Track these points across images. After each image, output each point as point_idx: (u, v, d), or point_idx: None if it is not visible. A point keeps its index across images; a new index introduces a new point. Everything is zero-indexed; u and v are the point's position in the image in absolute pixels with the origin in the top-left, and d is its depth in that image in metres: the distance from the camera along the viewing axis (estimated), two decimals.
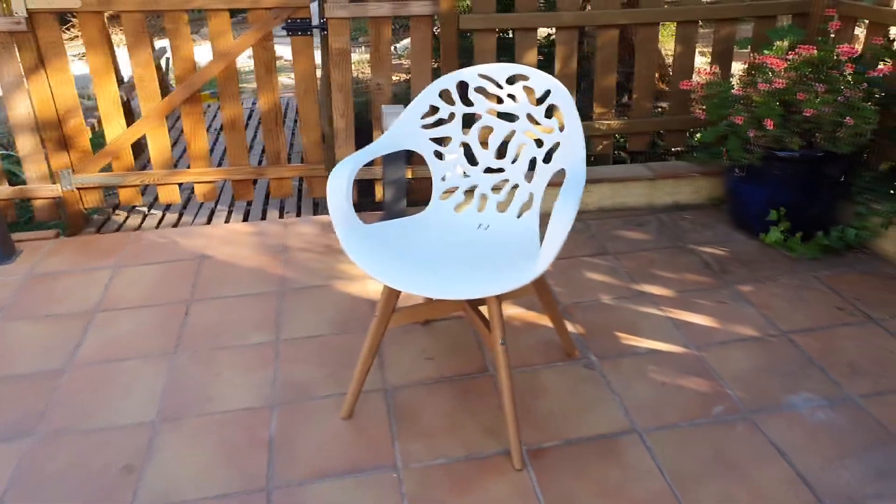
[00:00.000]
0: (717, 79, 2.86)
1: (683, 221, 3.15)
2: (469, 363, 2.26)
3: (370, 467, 1.87)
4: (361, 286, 2.70)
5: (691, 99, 3.06)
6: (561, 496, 1.76)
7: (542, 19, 3.00)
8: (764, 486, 1.77)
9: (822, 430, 1.94)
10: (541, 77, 2.01)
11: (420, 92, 3.10)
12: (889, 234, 2.74)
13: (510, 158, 2.11)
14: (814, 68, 2.60)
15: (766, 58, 2.66)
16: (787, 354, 2.25)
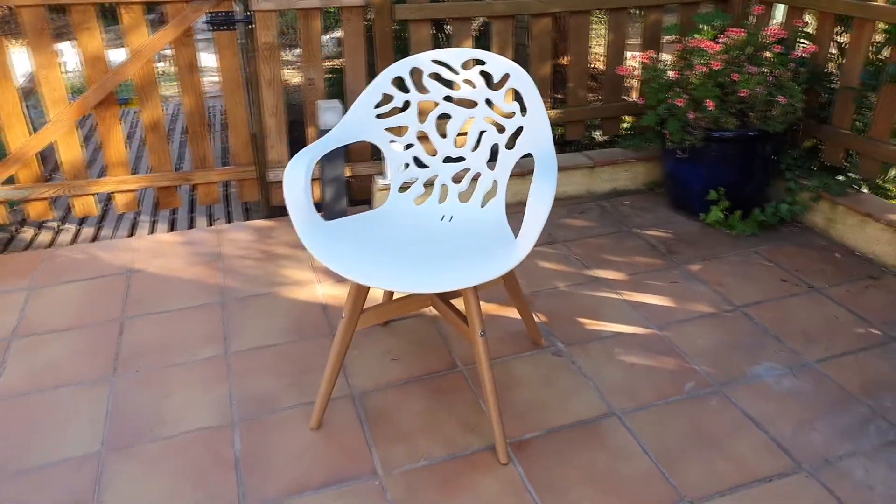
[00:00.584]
0: (653, 63, 2.91)
1: (624, 207, 3.20)
2: (437, 360, 2.18)
3: (350, 477, 1.76)
4: (309, 291, 2.57)
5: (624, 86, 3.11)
6: (552, 486, 1.71)
7: (477, 8, 2.97)
8: (744, 456, 1.79)
9: (789, 397, 1.99)
10: (498, 61, 1.96)
11: (354, 86, 3.02)
12: (818, 208, 2.87)
13: (470, 146, 2.05)
14: (744, 51, 2.69)
15: (699, 41, 2.73)
16: (744, 327, 2.31)
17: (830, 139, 2.90)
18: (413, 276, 1.66)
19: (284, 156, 3.10)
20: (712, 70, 2.62)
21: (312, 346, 2.26)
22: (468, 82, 2.02)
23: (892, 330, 2.27)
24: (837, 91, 2.82)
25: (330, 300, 2.51)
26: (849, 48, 2.75)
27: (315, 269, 2.72)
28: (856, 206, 2.72)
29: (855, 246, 2.74)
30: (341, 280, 2.64)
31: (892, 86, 2.62)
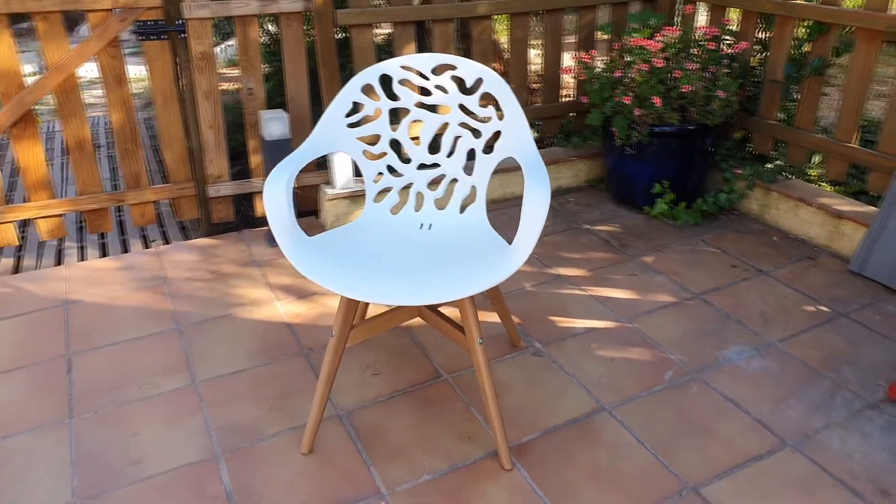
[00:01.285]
0: (595, 63, 2.99)
1: (570, 204, 3.26)
2: (419, 372, 2.14)
3: (353, 499, 1.69)
4: (270, 310, 2.46)
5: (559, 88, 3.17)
6: (559, 489, 1.72)
7: (418, 12, 2.94)
8: (732, 438, 1.86)
9: (760, 377, 2.09)
10: (470, 65, 1.94)
11: (296, 94, 2.92)
12: (753, 195, 3.04)
13: (445, 152, 2.02)
14: (682, 48, 2.80)
15: (639, 41, 2.82)
16: (707, 314, 2.40)
17: (759, 130, 3.08)
18: (411, 289, 1.62)
19: (224, 170, 2.96)
20: (655, 68, 2.72)
21: (285, 368, 2.17)
22: (440, 88, 1.99)
23: (837, 306, 2.43)
24: (763, 85, 2.99)
25: (294, 318, 2.41)
26: (772, 44, 2.93)
27: (271, 286, 2.61)
28: (788, 192, 2.89)
29: (789, 229, 2.92)
30: (303, 296, 2.54)
31: (814, 78, 2.81)
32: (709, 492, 1.70)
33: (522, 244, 1.62)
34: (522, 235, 1.62)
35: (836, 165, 2.83)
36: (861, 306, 2.42)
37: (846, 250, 2.70)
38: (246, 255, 2.84)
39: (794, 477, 1.74)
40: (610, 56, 3.07)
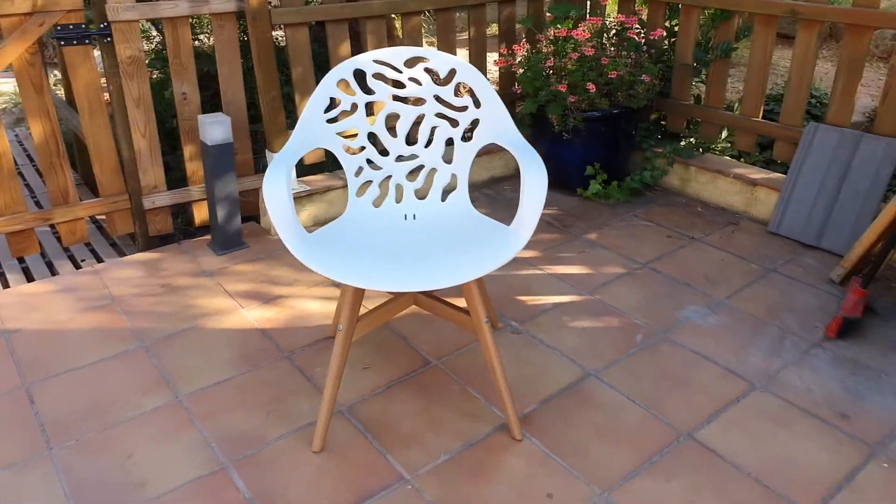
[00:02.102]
0: (528, 54, 3.12)
1: (506, 192, 3.39)
2: (407, 360, 2.17)
3: (379, 488, 1.71)
4: (237, 318, 2.40)
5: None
6: (570, 450, 1.82)
7: (352, 9, 2.94)
8: (710, 387, 2.05)
9: (718, 331, 2.30)
10: (442, 57, 2.00)
11: (233, 98, 2.85)
12: (674, 171, 3.29)
13: (422, 143, 2.07)
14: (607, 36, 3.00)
15: (563, 31, 2.98)
16: (657, 280, 2.60)
17: (673, 111, 3.34)
18: (426, 275, 1.66)
19: (161, 179, 2.83)
20: (585, 56, 2.89)
21: (271, 373, 2.13)
22: (413, 80, 2.03)
23: (765, 263, 2.70)
24: (674, 68, 3.25)
25: (265, 324, 2.37)
26: (680, 31, 3.19)
27: (231, 294, 2.54)
28: (706, 166, 3.17)
29: (710, 199, 3.19)
30: (268, 301, 2.50)
31: (722, 61, 3.10)
32: (702, 436, 1.86)
33: (526, 223, 1.71)
34: (525, 215, 1.70)
35: (744, 138, 3.13)
36: (785, 261, 2.71)
37: (763, 214, 3.01)
38: (194, 266, 2.74)
39: (769, 413, 1.94)
40: (537, 47, 3.21)
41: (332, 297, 2.52)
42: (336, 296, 2.53)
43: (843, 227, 2.69)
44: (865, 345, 2.21)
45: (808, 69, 2.81)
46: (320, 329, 2.34)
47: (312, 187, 3.02)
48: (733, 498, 1.67)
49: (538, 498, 1.68)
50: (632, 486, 1.71)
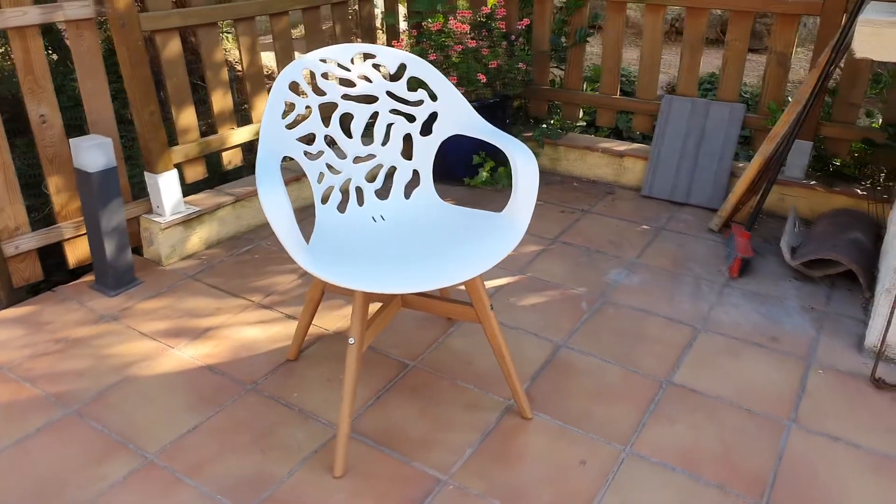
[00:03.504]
0: (410, 49, 3.12)
1: None
2: (385, 368, 2.10)
3: (423, 496, 1.65)
4: (171, 359, 2.14)
5: None
6: (579, 416, 1.90)
7: (223, 12, 2.71)
8: (662, 336, 2.25)
9: (644, 287, 2.53)
10: (389, 53, 1.96)
11: (99, 116, 2.50)
12: (544, 153, 3.52)
13: (379, 142, 2.00)
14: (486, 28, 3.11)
15: (438, 25, 3.04)
16: (572, 252, 2.78)
17: (536, 96, 3.56)
18: (437, 272, 1.63)
19: (22, 219, 2.41)
20: (468, 48, 2.98)
21: (243, 410, 1.94)
22: (364, 77, 1.96)
23: (652, 223, 3.01)
24: (533, 56, 3.47)
25: (207, 360, 2.14)
26: (535, 20, 3.41)
27: (150, 335, 2.25)
28: (574, 144, 3.43)
29: (582, 174, 3.47)
30: (197, 336, 2.25)
31: (578, 46, 3.37)
32: (679, 380, 2.05)
33: (523, 208, 1.75)
34: (521, 198, 1.74)
35: (605, 115, 3.45)
36: (667, 219, 3.04)
37: (633, 181, 3.34)
38: (87, 313, 2.37)
39: (719, 349, 2.19)
40: (411, 42, 3.23)
41: (268, 320, 2.35)
42: (272, 318, 2.36)
43: (706, 183, 3.10)
44: (760, 279, 2.58)
45: (657, 48, 3.18)
46: (274, 354, 2.17)
47: (201, 207, 2.76)
48: (728, 424, 1.87)
49: (573, 466, 1.74)
50: (646, 437, 1.84)
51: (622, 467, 1.74)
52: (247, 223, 2.94)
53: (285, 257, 2.74)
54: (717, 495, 1.66)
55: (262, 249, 2.81)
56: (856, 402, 1.95)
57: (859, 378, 2.05)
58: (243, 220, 2.92)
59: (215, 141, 2.83)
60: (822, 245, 2.51)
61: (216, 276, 2.61)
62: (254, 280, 2.59)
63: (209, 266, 2.68)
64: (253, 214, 2.96)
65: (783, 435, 1.84)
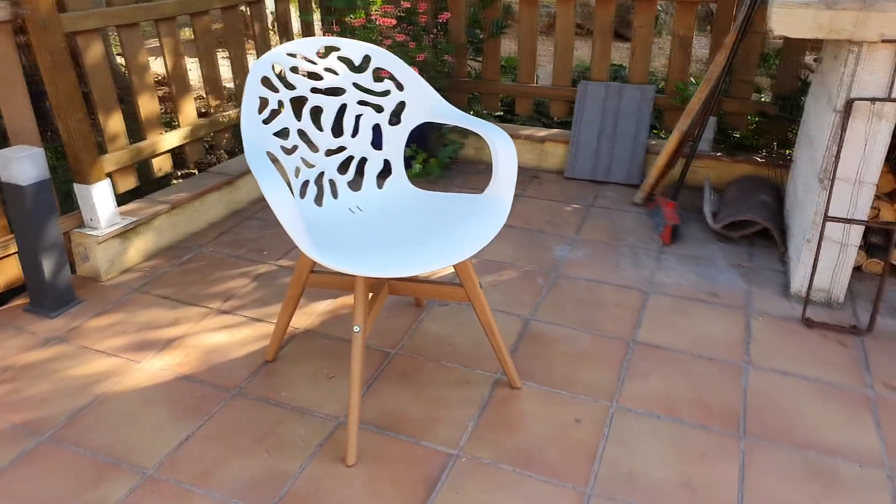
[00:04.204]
0: None
1: None
2: (367, 359, 2.12)
3: (440, 471, 1.70)
4: (141, 374, 2.04)
5: None
6: (563, 381, 2.02)
7: (145, 11, 2.59)
8: (618, 301, 2.42)
9: (589, 260, 2.70)
10: (353, 45, 1.98)
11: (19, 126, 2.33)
12: (468, 143, 3.63)
13: (349, 133, 2.02)
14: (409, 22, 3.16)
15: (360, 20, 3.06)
16: (515, 234, 2.91)
17: (455, 88, 3.66)
18: (437, 253, 1.68)
19: None
20: (397, 42, 3.02)
21: (234, 414, 1.90)
22: (330, 70, 1.97)
23: (581, 202, 3.20)
24: (451, 49, 3.57)
25: (180, 369, 2.07)
26: (451, 13, 3.50)
27: (110, 352, 2.14)
28: None
29: None
30: (163, 347, 2.16)
31: (495, 38, 3.50)
32: (642, 339, 2.22)
33: (505, 186, 1.83)
34: (503, 178, 1.83)
35: (523, 103, 3.61)
36: (593, 198, 3.24)
37: (555, 164, 3.52)
38: (30, 337, 2.21)
39: (669, 308, 2.39)
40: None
41: (233, 325, 2.29)
42: (237, 323, 2.30)
43: (624, 162, 3.33)
44: (689, 243, 2.82)
45: (570, 37, 3.37)
46: (249, 357, 2.13)
47: (138, 217, 2.63)
48: (694, 372, 2.06)
49: (570, 425, 1.86)
50: (627, 392, 1.99)
51: (614, 421, 1.87)
52: (183, 231, 2.83)
53: (232, 262, 2.67)
54: (701, 434, 1.83)
55: (205, 256, 2.72)
56: (794, 341, 2.20)
57: (792, 321, 2.31)
58: (179, 229, 2.81)
59: (147, 147, 2.71)
60: (739, 208, 2.79)
61: (165, 287, 2.50)
62: (206, 287, 2.51)
63: (154, 277, 2.57)
64: (188, 222, 2.85)
65: (742, 375, 2.05)
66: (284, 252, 2.75)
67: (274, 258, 2.71)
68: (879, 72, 2.03)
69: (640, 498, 1.63)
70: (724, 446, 1.79)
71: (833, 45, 2.28)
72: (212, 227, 2.95)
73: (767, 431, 1.84)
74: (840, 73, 2.10)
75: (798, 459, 1.75)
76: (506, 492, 1.65)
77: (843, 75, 2.08)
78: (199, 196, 2.86)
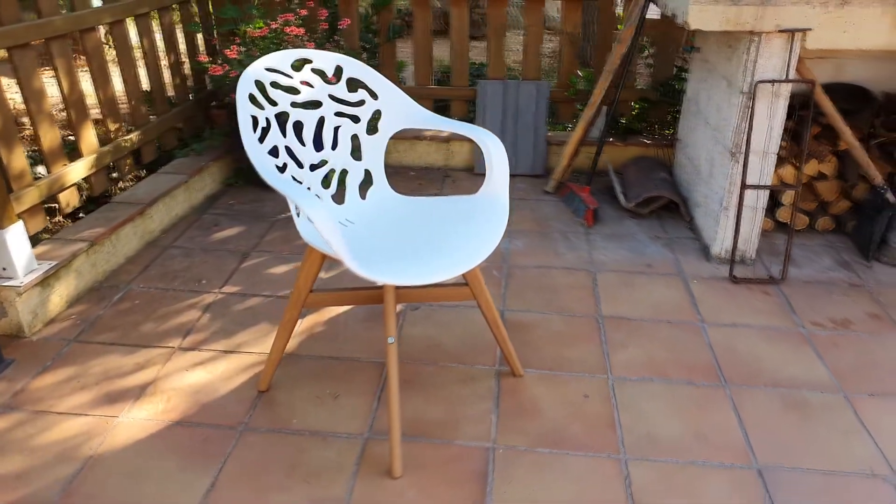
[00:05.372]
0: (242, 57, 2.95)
1: (232, 206, 3.19)
2: (365, 374, 2.09)
3: (483, 466, 1.75)
4: (125, 428, 1.86)
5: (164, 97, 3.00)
6: (556, 363, 2.14)
7: (38, 29, 2.29)
8: (570, 282, 2.58)
9: (531, 249, 2.84)
10: (324, 56, 1.94)
11: None
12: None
13: (328, 146, 1.97)
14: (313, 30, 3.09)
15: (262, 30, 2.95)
16: None
17: None
18: (455, 259, 1.71)
19: None
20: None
21: (250, 451, 1.79)
22: (305, 83, 1.91)
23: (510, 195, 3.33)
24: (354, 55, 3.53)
25: (167, 416, 1.91)
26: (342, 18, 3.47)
27: (74, 411, 1.92)
28: (402, 135, 3.60)
29: (414, 163, 3.66)
30: (140, 396, 1.98)
31: (391, 42, 3.52)
32: (608, 313, 2.40)
33: (501, 187, 1.90)
34: (496, 178, 1.90)
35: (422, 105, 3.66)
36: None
37: (462, 163, 3.63)
38: None
39: (618, 283, 2.60)
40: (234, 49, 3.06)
41: (205, 361, 2.15)
42: (209, 358, 2.16)
43: (528, 154, 3.53)
44: (608, 223, 3.07)
45: (465, 38, 3.49)
46: (239, 391, 2.01)
47: (57, 260, 2.35)
48: (664, 336, 2.28)
49: (581, 401, 1.98)
50: (616, 362, 2.15)
51: (616, 391, 2.03)
52: (103, 270, 2.57)
53: (172, 296, 2.48)
54: (692, 389, 2.04)
55: (137, 294, 2.49)
56: (729, 297, 2.51)
57: (720, 279, 2.62)
58: (99, 268, 2.55)
59: (55, 181, 2.42)
60: (646, 186, 3.09)
61: (106, 332, 2.27)
62: (155, 326, 2.31)
63: (89, 324, 2.31)
64: (106, 259, 2.59)
65: (702, 333, 2.30)
66: (224, 279, 2.60)
67: (216, 286, 2.55)
68: (776, 57, 2.37)
69: (667, 454, 1.80)
70: (714, 396, 2.01)
71: (728, 36, 2.61)
72: (131, 262, 2.70)
73: (741, 377, 2.09)
74: (743, 60, 2.42)
75: (775, 396, 2.01)
76: (552, 472, 1.74)
77: (747, 62, 2.40)
78: (114, 230, 2.61)
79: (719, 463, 1.78)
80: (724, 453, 1.81)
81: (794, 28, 2.30)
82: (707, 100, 2.86)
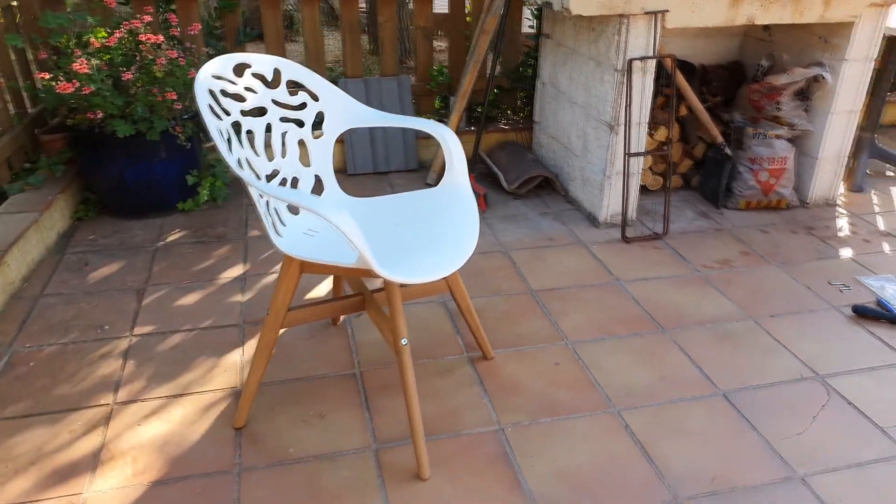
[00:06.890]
0: (93, 70, 2.57)
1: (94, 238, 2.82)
2: (337, 389, 2.00)
3: (500, 448, 1.78)
4: (127, 493, 1.60)
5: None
6: (514, 338, 2.22)
7: None
8: (484, 264, 2.68)
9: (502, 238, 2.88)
10: (260, 59, 1.81)
11: None
12: None
13: (278, 154, 1.84)
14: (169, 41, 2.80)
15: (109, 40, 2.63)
16: None
17: None
18: (447, 254, 1.71)
19: None
20: (171, 59, 2.66)
21: (258, 489, 1.65)
22: (249, 90, 1.76)
23: (382, 193, 3.32)
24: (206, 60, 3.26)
25: (142, 479, 1.68)
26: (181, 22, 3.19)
27: (65, 473, 1.60)
28: None
29: None
30: (97, 467, 1.71)
31: (240, 47, 3.31)
32: (536, 287, 2.53)
33: (462, 176, 1.93)
34: (457, 169, 1.92)
35: None
36: (389, 187, 3.40)
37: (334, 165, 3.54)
38: None
39: (531, 258, 2.74)
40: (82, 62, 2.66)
41: (154, 411, 1.91)
42: (157, 408, 1.92)
43: (399, 149, 3.55)
44: (497, 206, 3.21)
45: (319, 36, 3.40)
46: (214, 432, 1.83)
47: None
48: (593, 299, 2.46)
49: (554, 369, 2.09)
50: (566, 328, 2.29)
51: (579, 353, 2.17)
52: None
53: (75, 351, 2.14)
54: (640, 339, 2.25)
55: (29, 356, 2.12)
56: (629, 256, 2.78)
57: (615, 241, 2.88)
58: None
59: None
60: (524, 168, 3.28)
61: (13, 405, 1.91)
62: (73, 387, 1.99)
63: None
64: None
65: (623, 290, 2.53)
66: (130, 321, 2.30)
67: (124, 330, 2.25)
68: (641, 37, 2.66)
69: (648, 399, 1.98)
70: (660, 342, 2.24)
71: (592, 20, 2.85)
72: None
73: (673, 322, 2.35)
74: (615, 42, 2.68)
75: (706, 333, 2.29)
76: (563, 438, 1.83)
77: (619, 42, 2.66)
78: None
79: (691, 397, 2.00)
80: (692, 388, 2.03)
81: (655, 10, 2.60)
82: (569, 81, 3.11)
